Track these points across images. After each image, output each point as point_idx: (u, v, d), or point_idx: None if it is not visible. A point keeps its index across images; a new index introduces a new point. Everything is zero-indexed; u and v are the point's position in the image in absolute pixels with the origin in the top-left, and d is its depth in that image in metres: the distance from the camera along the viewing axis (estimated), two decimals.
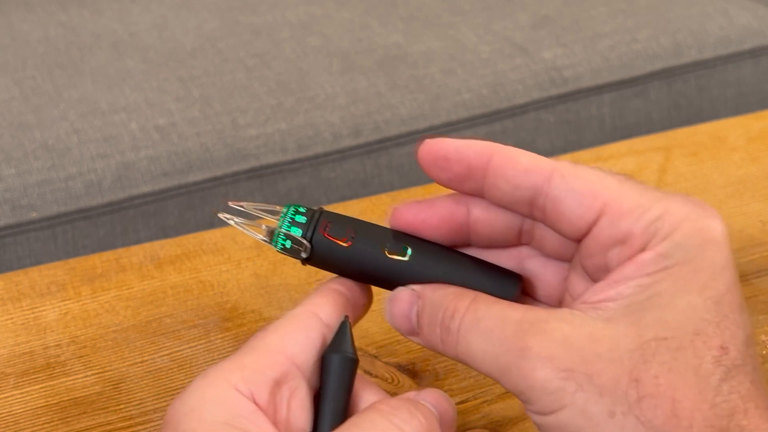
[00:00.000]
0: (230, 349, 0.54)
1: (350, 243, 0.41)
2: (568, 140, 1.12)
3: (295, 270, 0.60)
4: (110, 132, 0.98)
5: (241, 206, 0.43)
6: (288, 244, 0.42)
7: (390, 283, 0.42)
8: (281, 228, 0.42)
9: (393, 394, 0.51)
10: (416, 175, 0.42)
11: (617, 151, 0.73)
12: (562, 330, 0.37)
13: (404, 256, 0.41)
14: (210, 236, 0.62)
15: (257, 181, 1.00)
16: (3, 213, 0.93)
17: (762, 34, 1.20)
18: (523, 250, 0.43)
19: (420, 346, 0.54)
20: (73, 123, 0.99)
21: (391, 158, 1.04)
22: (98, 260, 0.60)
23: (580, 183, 0.39)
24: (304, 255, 0.42)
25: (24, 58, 1.09)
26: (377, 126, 1.04)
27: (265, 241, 0.42)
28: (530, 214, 0.40)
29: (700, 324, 0.37)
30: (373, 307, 0.57)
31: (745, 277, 0.59)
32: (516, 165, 0.39)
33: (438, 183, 0.41)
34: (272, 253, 0.61)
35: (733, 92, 1.19)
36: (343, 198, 1.02)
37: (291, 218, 0.42)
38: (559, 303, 0.42)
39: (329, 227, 0.41)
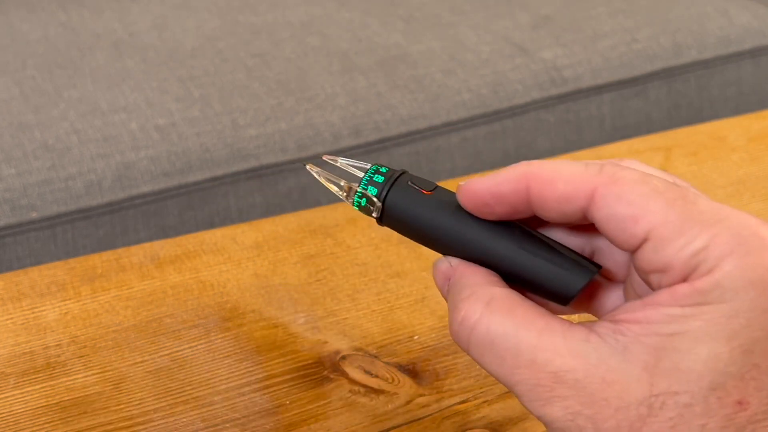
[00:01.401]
0: (230, 349, 0.54)
1: (432, 192, 0.42)
2: (568, 140, 1.12)
3: (295, 270, 0.60)
4: (110, 132, 0.98)
5: (334, 160, 0.44)
6: (363, 202, 0.43)
7: (461, 246, 0.41)
8: (359, 187, 0.43)
9: (393, 395, 0.51)
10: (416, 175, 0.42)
11: (617, 151, 0.73)
12: (575, 373, 0.37)
13: None
14: (210, 236, 0.62)
15: (257, 181, 1.00)
16: (3, 213, 0.93)
17: (762, 34, 1.20)
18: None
19: (420, 346, 0.54)
20: (73, 123, 0.99)
21: (391, 158, 1.04)
22: (98, 260, 0.60)
23: (622, 207, 0.37)
24: (375, 214, 0.42)
25: (24, 58, 1.09)
26: (377, 126, 1.04)
27: (345, 198, 0.43)
28: (589, 222, 0.40)
29: (719, 378, 0.36)
30: (374, 307, 0.57)
31: None
32: (554, 192, 0.39)
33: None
34: (272, 252, 0.61)
35: (733, 92, 1.19)
36: None
37: (369, 177, 0.42)
38: (625, 277, 0.42)
39: (414, 179, 0.42)
